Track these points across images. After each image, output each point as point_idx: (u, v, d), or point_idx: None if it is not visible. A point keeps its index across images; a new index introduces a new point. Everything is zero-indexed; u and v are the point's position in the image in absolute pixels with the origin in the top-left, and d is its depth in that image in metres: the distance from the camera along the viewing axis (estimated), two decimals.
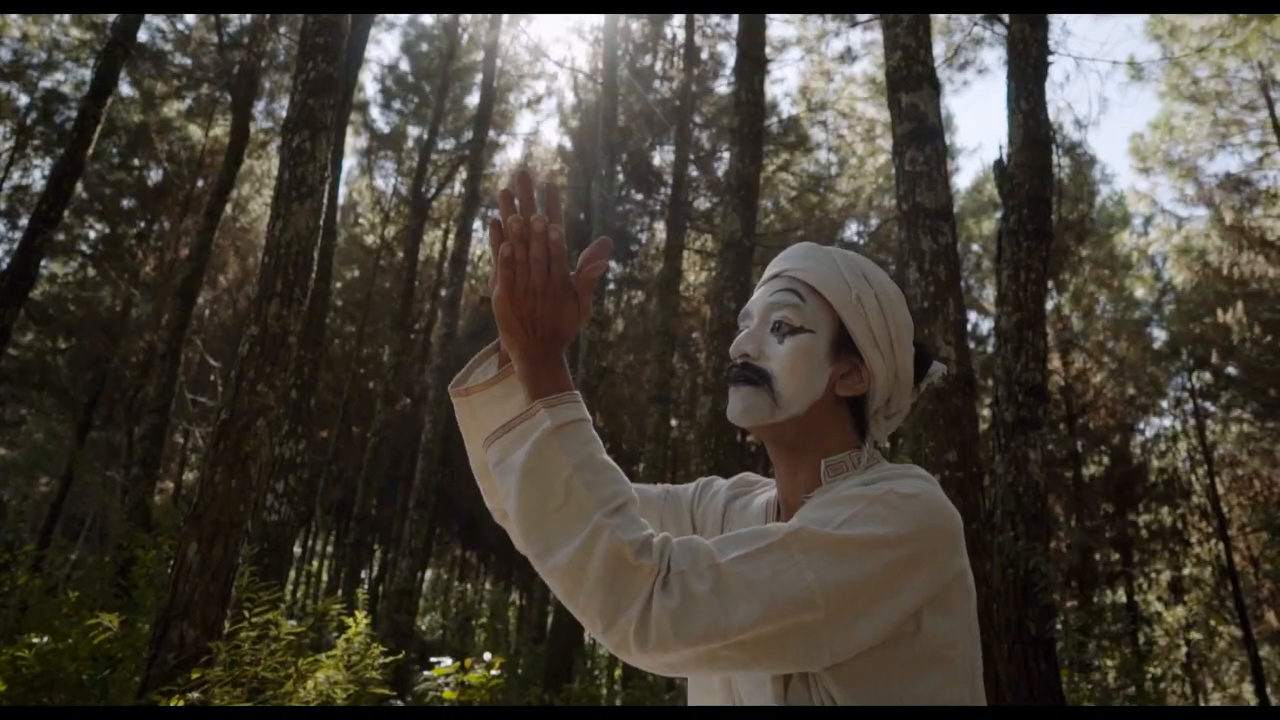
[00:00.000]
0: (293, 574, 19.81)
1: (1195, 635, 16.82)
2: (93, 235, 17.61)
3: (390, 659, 4.25)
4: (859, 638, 0.73)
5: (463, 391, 0.91)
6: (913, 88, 4.49)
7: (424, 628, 22.62)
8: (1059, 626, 5.66)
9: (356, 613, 4.54)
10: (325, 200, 3.69)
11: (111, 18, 14.65)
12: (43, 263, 9.39)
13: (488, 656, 4.28)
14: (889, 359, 0.90)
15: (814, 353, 0.89)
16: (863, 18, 13.67)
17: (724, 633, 0.69)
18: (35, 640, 4.26)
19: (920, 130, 4.40)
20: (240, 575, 3.45)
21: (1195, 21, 13.38)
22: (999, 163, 6.90)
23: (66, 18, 15.32)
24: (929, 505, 0.78)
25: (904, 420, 1.05)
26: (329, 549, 24.40)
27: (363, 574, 20.12)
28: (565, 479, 0.75)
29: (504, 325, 0.81)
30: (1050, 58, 7.28)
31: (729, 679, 0.87)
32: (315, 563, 24.66)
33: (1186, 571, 18.46)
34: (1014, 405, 5.92)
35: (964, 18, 13.61)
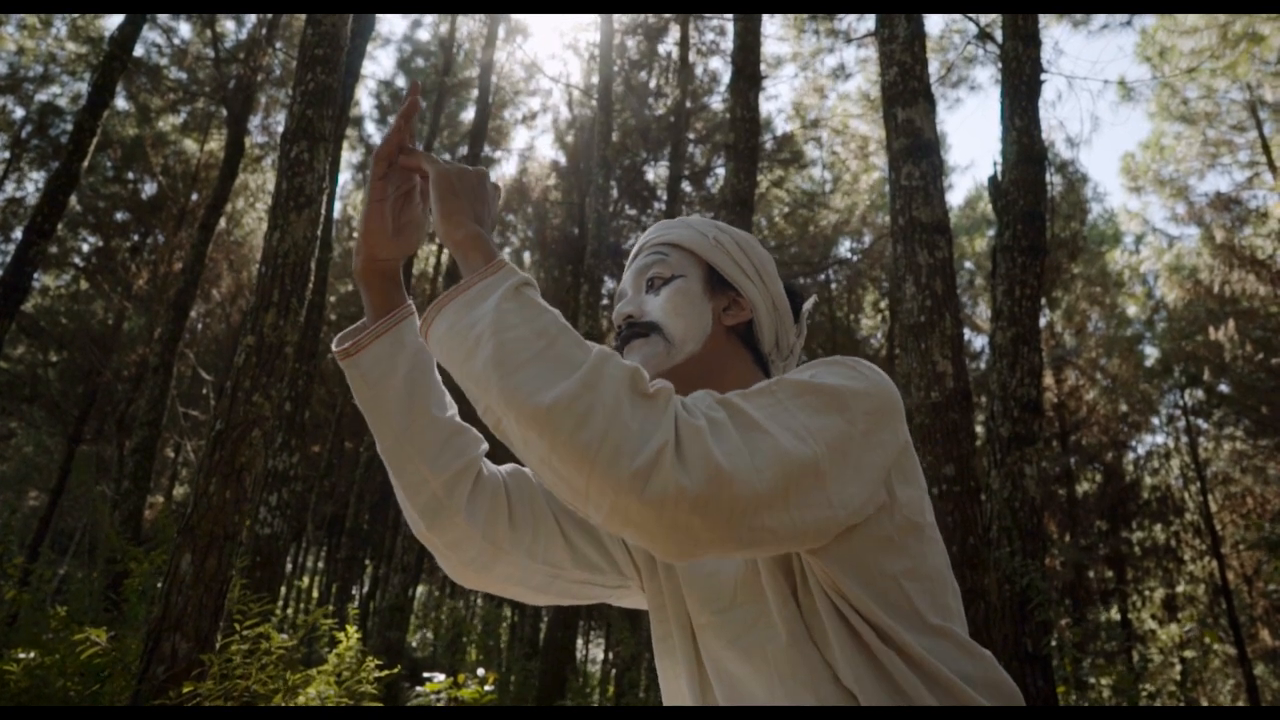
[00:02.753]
0: (284, 589, 19.64)
1: (1190, 653, 16.78)
2: (86, 248, 17.57)
3: (383, 674, 4.21)
4: (853, 494, 0.70)
5: (350, 350, 0.85)
6: (908, 103, 4.52)
7: (415, 645, 22.43)
8: (1054, 644, 5.64)
9: (348, 627, 4.50)
10: (323, 212, 3.69)
11: (109, 31, 14.69)
12: (35, 275, 9.37)
13: (481, 673, 4.24)
14: (761, 288, 0.94)
15: (690, 292, 0.91)
16: (857, 34, 13.81)
17: (743, 477, 0.63)
18: (22, 655, 4.21)
19: (916, 145, 4.43)
20: (232, 588, 3.42)
21: (1185, 43, 13.56)
22: (993, 179, 6.95)
23: (64, 31, 15.36)
24: (873, 369, 0.78)
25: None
26: (320, 564, 24.21)
27: (354, 589, 19.97)
28: (550, 322, 0.69)
29: (451, 208, 0.78)
30: (1043, 76, 7.36)
31: (701, 675, 0.81)
32: (306, 579, 24.47)
33: (1180, 589, 18.45)
34: (1009, 421, 5.93)
35: (957, 36, 13.78)
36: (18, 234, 17.03)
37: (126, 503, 10.81)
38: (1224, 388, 16.53)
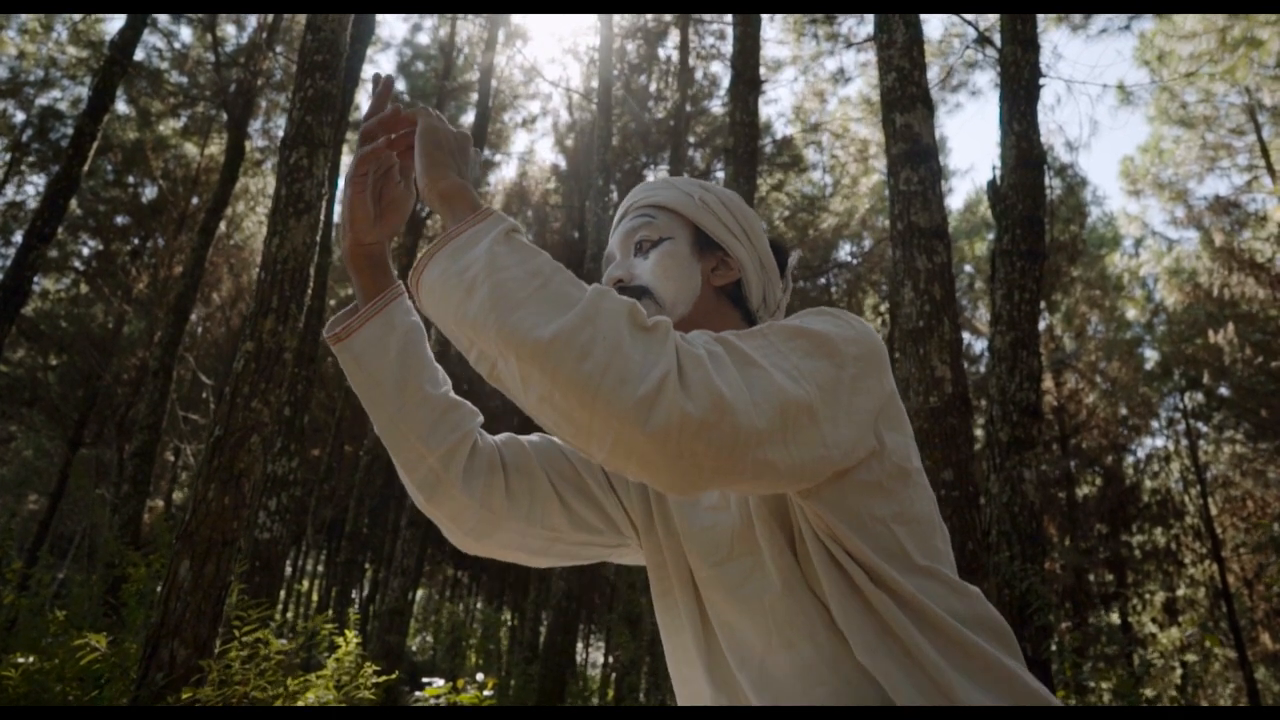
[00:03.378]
0: (283, 593, 19.63)
1: (1191, 657, 16.76)
2: (86, 252, 17.59)
3: (382, 678, 4.20)
4: (845, 436, 0.71)
5: (342, 334, 0.86)
6: (907, 108, 4.53)
7: (414, 648, 22.40)
8: (1055, 648, 5.64)
9: (347, 632, 4.50)
10: (322, 217, 3.69)
11: (110, 36, 14.71)
12: (35, 279, 9.38)
13: (480, 677, 4.24)
14: (748, 246, 0.95)
15: (679, 254, 0.92)
16: (857, 39, 13.82)
17: (744, 409, 0.63)
18: (21, 660, 4.20)
19: (915, 150, 4.44)
20: (231, 593, 3.42)
21: (1184, 47, 13.57)
22: (992, 183, 6.95)
23: (64, 35, 15.38)
24: (859, 320, 0.79)
25: None
26: (320, 568, 24.19)
27: (353, 593, 19.95)
28: (544, 262, 0.68)
29: (436, 159, 0.79)
30: (1041, 81, 7.37)
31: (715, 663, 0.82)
32: (306, 582, 24.45)
33: (1181, 593, 18.42)
34: (1009, 425, 5.93)
35: (956, 41, 13.80)
36: (18, 237, 17.07)
37: (126, 507, 10.80)
38: (1224, 391, 16.53)
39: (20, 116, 16.00)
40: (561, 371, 0.61)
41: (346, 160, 17.32)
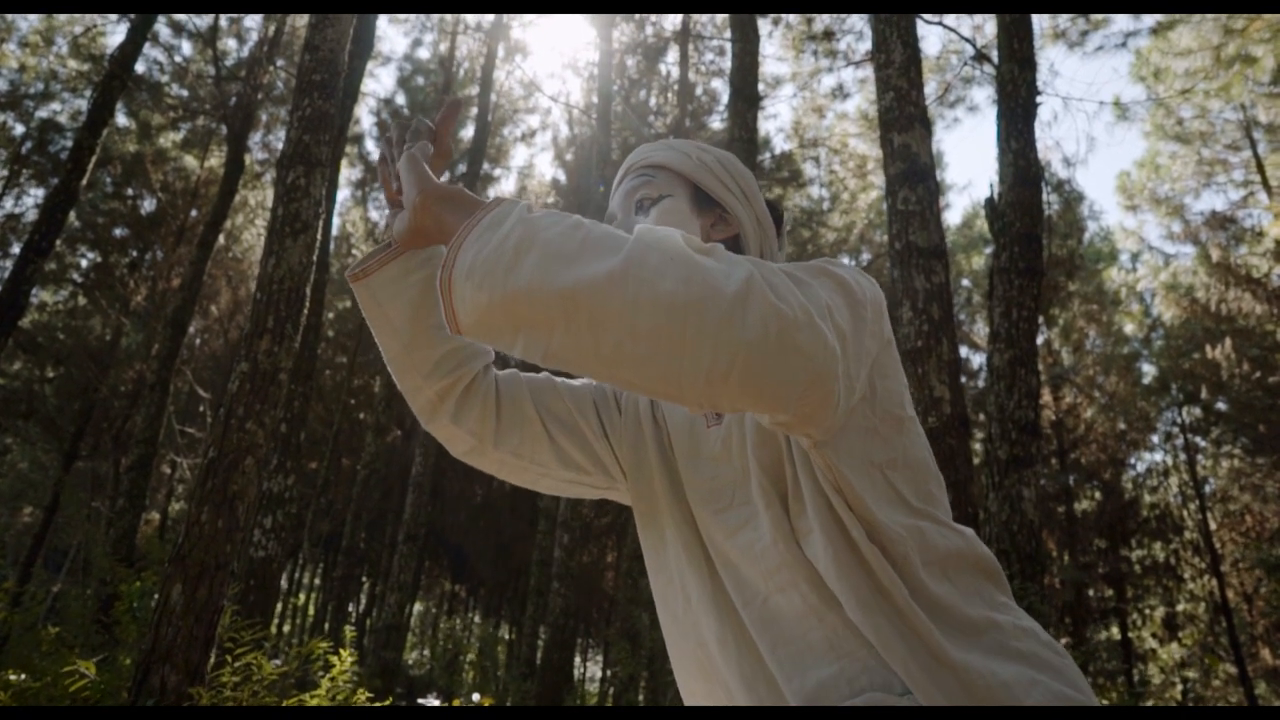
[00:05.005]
0: (279, 607, 19.51)
1: (1190, 673, 16.69)
2: (84, 264, 17.57)
3: (377, 704, 4.16)
4: (857, 375, 0.72)
5: (360, 274, 0.89)
6: (905, 128, 4.54)
7: (411, 663, 22.27)
8: None
9: (342, 650, 4.45)
10: (319, 236, 3.67)
11: (110, 49, 14.76)
12: (33, 291, 9.37)
13: (476, 697, 4.20)
14: (745, 204, 0.98)
15: (679, 210, 0.95)
16: (856, 56, 13.90)
17: (817, 323, 0.64)
18: (13, 677, 4.16)
19: (912, 170, 4.44)
20: (224, 615, 3.38)
21: (1179, 64, 13.65)
22: (990, 201, 6.97)
23: (65, 49, 15.42)
24: (858, 270, 0.81)
25: None
26: (316, 581, 24.07)
27: (350, 606, 19.84)
28: (576, 218, 0.67)
29: (421, 174, 0.77)
30: (1039, 98, 7.40)
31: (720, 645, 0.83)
32: (302, 596, 24.32)
33: (1180, 608, 18.36)
34: (1007, 443, 5.91)
35: (954, 57, 13.87)
36: (16, 249, 17.07)
37: (121, 521, 10.76)
38: (1222, 405, 16.53)
39: (20, 129, 16.02)
40: (643, 295, 0.59)
41: (346, 172, 17.33)
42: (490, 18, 14.88)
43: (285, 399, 5.38)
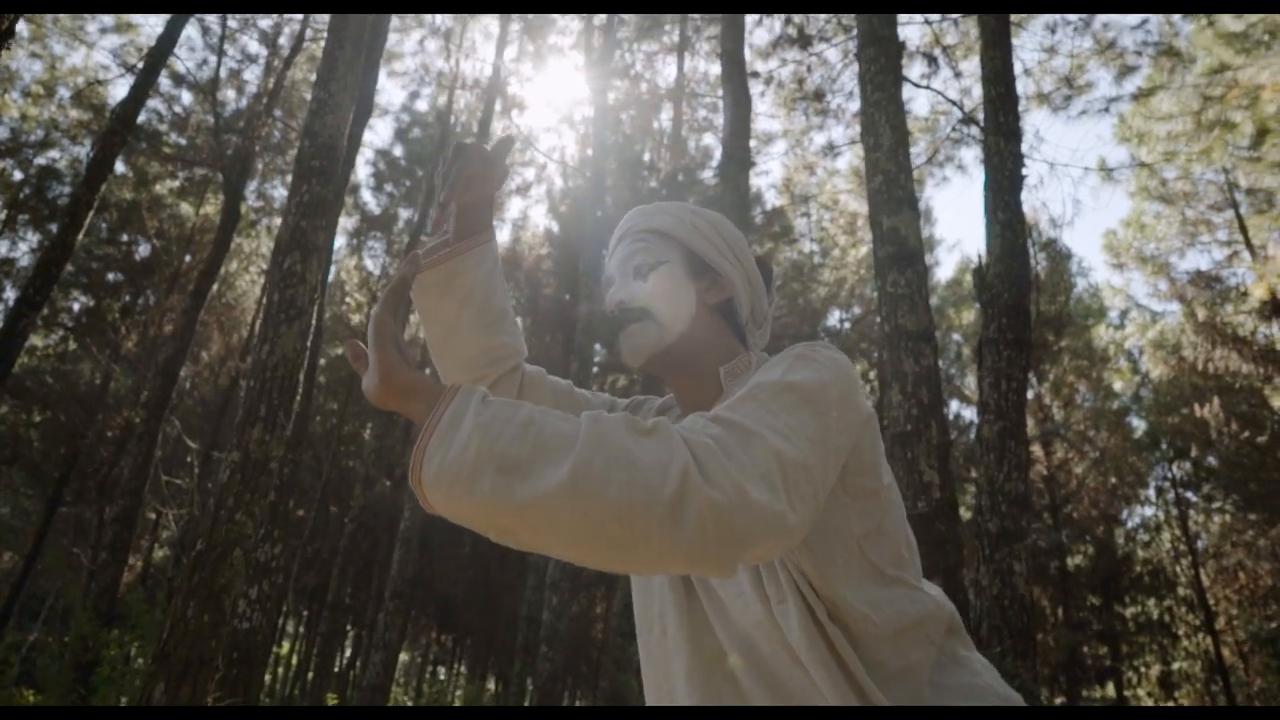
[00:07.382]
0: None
1: None
2: (76, 308, 17.55)
3: None
4: (831, 477, 0.78)
5: (430, 265, 0.99)
6: (894, 212, 4.62)
7: None
8: None
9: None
10: (314, 322, 3.69)
11: (111, 100, 14.94)
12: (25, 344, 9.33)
13: None
14: (737, 266, 1.03)
15: (675, 276, 1.00)
16: (846, 115, 14.17)
17: (760, 486, 0.69)
18: None
19: (901, 253, 4.51)
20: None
21: (1161, 128, 13.97)
22: (978, 270, 7.04)
23: (66, 98, 15.60)
24: (834, 354, 0.86)
25: None
26: (301, 629, 23.62)
27: (335, 656, 19.45)
28: (528, 411, 0.71)
29: (386, 360, 0.78)
30: (1025, 165, 7.54)
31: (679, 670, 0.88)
32: (285, 645, 23.85)
33: (1176, 665, 18.19)
34: (997, 516, 5.90)
35: (942, 119, 14.17)
36: (9, 293, 17.06)
37: (104, 574, 10.59)
38: (1212, 461, 16.57)
39: (18, 175, 16.12)
40: (591, 505, 0.64)
41: (343, 221, 17.43)
42: (488, 73, 15.17)
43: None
